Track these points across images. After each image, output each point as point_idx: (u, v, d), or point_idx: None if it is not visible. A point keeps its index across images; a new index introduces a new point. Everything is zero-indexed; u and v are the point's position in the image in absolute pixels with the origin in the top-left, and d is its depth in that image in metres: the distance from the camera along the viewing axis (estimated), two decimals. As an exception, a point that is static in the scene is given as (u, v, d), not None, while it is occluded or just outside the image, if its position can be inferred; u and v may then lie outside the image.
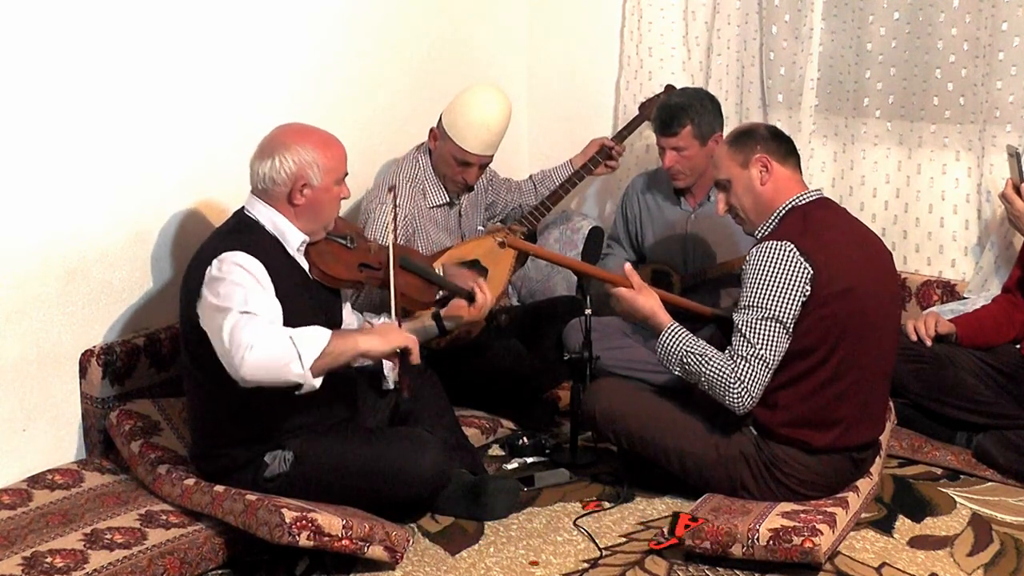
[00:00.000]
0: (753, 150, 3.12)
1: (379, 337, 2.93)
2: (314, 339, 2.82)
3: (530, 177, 4.35)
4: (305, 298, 3.03)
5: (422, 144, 3.96)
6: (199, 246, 3.06)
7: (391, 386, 3.28)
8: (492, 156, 3.89)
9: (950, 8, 3.93)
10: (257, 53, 3.81)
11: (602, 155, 4.19)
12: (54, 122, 3.27)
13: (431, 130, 3.89)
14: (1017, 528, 3.16)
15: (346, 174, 3.09)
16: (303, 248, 3.06)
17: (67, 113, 3.29)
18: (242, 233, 3.00)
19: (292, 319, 2.93)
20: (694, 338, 3.11)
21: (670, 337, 3.13)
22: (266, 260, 2.93)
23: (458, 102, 3.83)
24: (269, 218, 3.02)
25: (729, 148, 3.17)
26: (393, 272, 3.08)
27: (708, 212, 3.96)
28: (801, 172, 3.20)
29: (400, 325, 3.07)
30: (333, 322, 3.15)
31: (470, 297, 3.30)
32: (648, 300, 3.21)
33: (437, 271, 3.43)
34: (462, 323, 3.35)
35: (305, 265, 3.07)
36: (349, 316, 3.28)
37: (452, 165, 3.84)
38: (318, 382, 2.83)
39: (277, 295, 2.92)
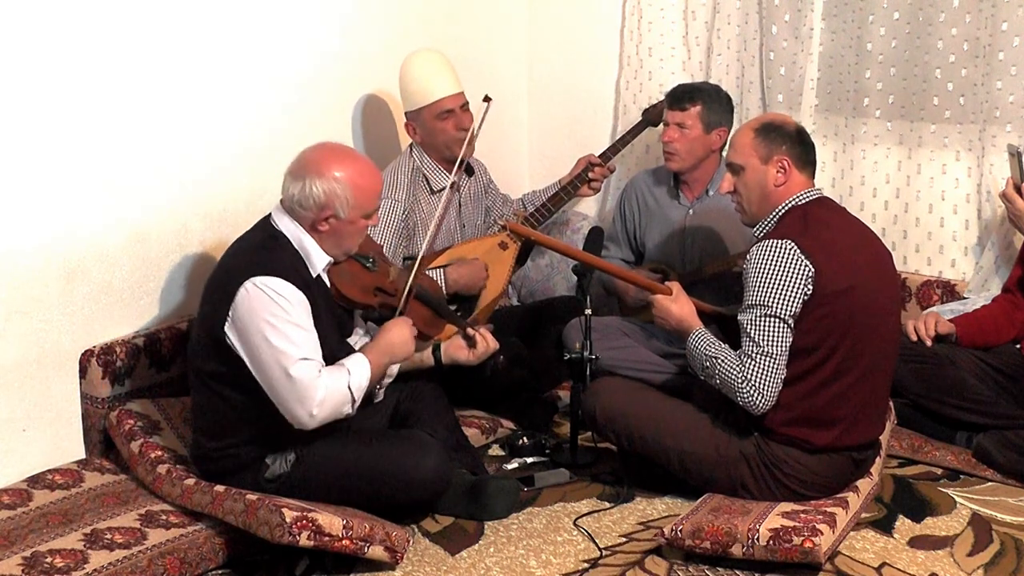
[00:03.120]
0: (778, 149, 3.09)
1: (400, 352, 3.10)
2: (362, 375, 2.95)
3: (520, 198, 4.35)
4: (329, 317, 3.04)
5: (410, 145, 3.98)
6: (226, 253, 3.03)
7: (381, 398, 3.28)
8: (463, 94, 3.91)
9: (950, 8, 3.94)
10: (257, 53, 3.81)
11: (582, 178, 4.18)
12: (54, 123, 3.26)
13: (406, 126, 3.94)
14: (1017, 528, 3.16)
15: (377, 208, 3.06)
16: (326, 269, 3.05)
17: (67, 114, 3.29)
18: (271, 251, 2.95)
19: (320, 338, 2.95)
20: (713, 341, 3.11)
21: (693, 342, 3.14)
22: (297, 276, 2.92)
23: (403, 82, 3.91)
24: (295, 234, 2.99)
25: (755, 137, 3.12)
26: (407, 303, 3.18)
27: (707, 207, 3.97)
28: (814, 179, 3.17)
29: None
30: (344, 333, 3.18)
31: (471, 341, 3.33)
32: (682, 307, 3.22)
33: (449, 309, 3.47)
34: (458, 362, 3.37)
35: (326, 280, 3.07)
36: (359, 323, 3.29)
37: (443, 128, 3.86)
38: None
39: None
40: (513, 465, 3.57)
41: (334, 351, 3.01)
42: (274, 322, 2.85)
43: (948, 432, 3.59)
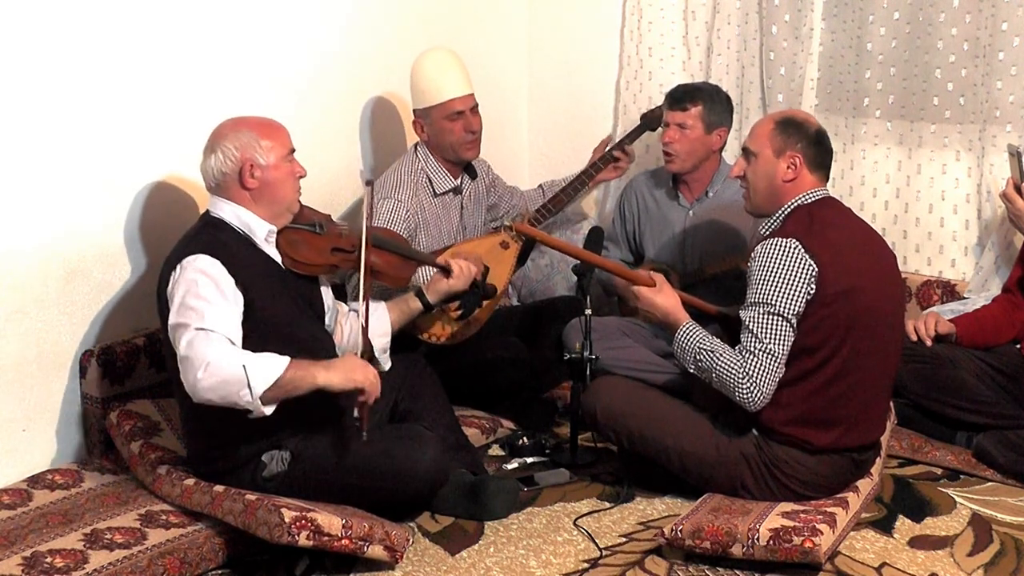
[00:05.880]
0: (793, 146, 3.09)
1: (340, 373, 2.88)
2: (268, 368, 2.79)
3: (539, 185, 4.36)
4: (282, 289, 3.03)
5: (415, 144, 3.98)
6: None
7: (354, 415, 3.08)
8: (474, 96, 3.89)
9: (950, 8, 3.94)
10: (257, 53, 3.81)
11: (605, 159, 4.17)
12: (54, 123, 3.27)
13: (414, 124, 3.93)
14: (1017, 528, 3.16)
15: (293, 150, 3.06)
16: (272, 239, 3.06)
17: (67, 113, 3.29)
18: (207, 233, 2.99)
19: (272, 311, 2.96)
20: (707, 335, 3.11)
21: (684, 335, 3.14)
22: (232, 257, 2.93)
23: (413, 80, 3.89)
24: (233, 213, 3.02)
25: (773, 128, 3.13)
26: (365, 254, 3.08)
27: (706, 208, 3.97)
28: (827, 182, 3.17)
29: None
30: (315, 310, 3.16)
31: (445, 271, 3.36)
32: (667, 299, 3.22)
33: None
34: (446, 295, 3.40)
35: (277, 256, 3.07)
36: (329, 300, 3.27)
37: (451, 128, 3.85)
38: (269, 410, 2.82)
39: (252, 290, 2.93)
40: (513, 465, 3.56)
41: (311, 331, 3.03)
42: (187, 299, 2.85)
43: (948, 432, 3.59)
